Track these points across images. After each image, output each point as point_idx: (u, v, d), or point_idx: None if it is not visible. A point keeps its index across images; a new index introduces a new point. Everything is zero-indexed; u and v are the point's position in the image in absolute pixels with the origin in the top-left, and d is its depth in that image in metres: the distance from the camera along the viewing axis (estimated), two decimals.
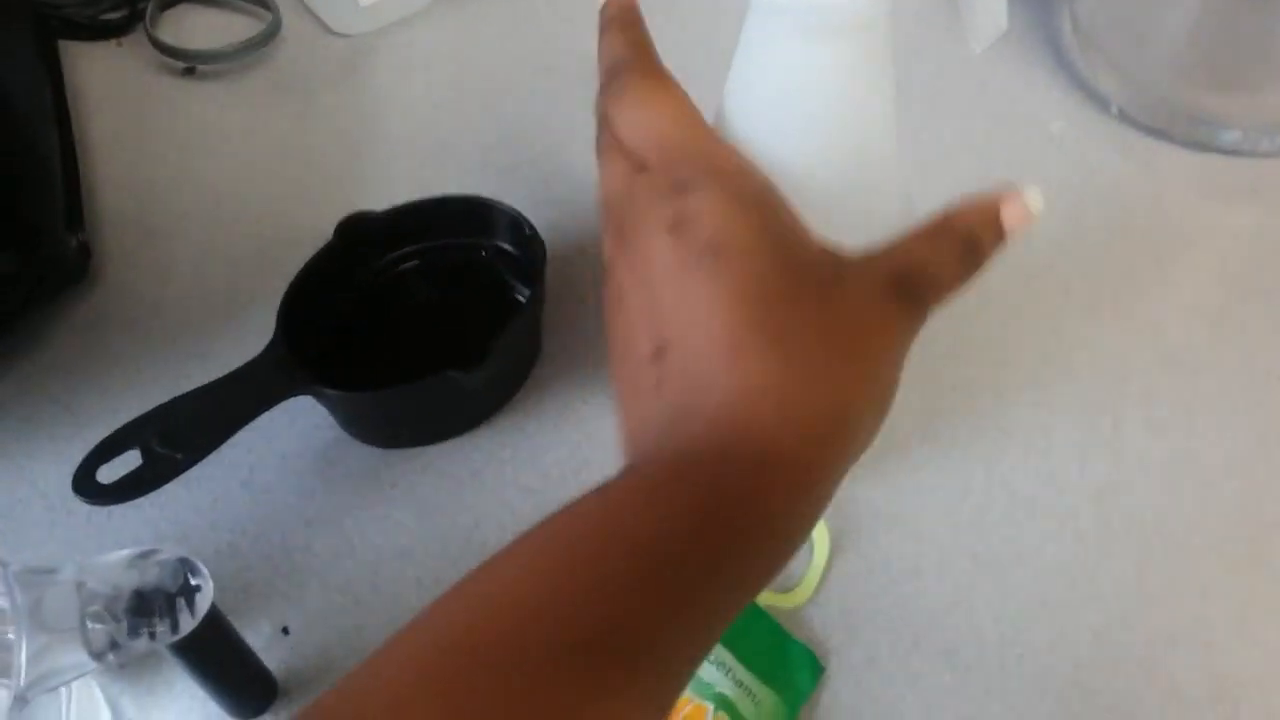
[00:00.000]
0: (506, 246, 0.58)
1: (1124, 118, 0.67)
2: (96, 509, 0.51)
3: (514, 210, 0.57)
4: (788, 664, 0.47)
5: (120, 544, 0.49)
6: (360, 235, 0.56)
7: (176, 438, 0.47)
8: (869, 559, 0.51)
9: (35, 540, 0.51)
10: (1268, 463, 0.54)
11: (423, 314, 0.58)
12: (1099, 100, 0.69)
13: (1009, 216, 0.35)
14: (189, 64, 0.70)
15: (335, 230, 0.55)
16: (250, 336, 0.55)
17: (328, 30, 0.73)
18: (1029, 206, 0.35)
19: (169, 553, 0.38)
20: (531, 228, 0.56)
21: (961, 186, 0.59)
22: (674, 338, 0.33)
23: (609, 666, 0.28)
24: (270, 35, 0.70)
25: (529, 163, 0.66)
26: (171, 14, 0.74)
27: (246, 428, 0.48)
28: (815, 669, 0.47)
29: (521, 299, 0.57)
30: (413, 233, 0.58)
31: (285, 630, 0.49)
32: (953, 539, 0.51)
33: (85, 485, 0.46)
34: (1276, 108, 0.67)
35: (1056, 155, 0.67)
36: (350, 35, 0.73)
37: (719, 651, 0.46)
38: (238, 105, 0.69)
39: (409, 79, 0.71)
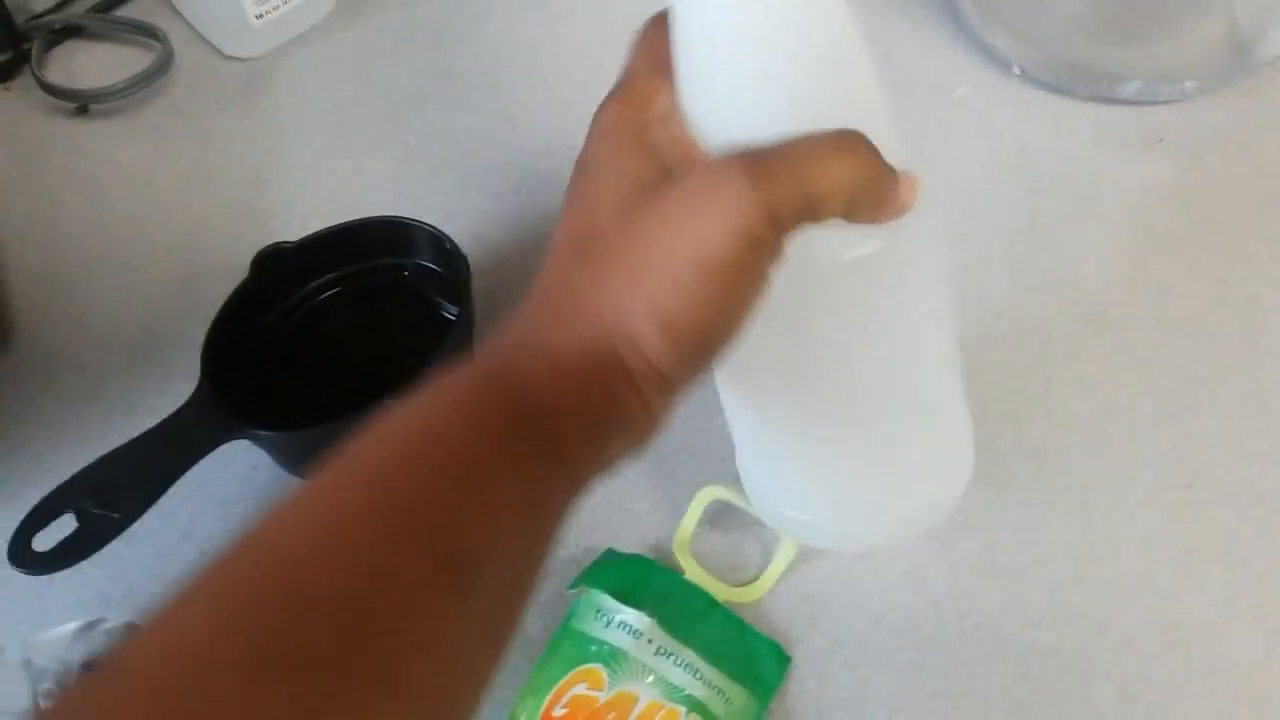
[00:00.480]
0: (429, 264, 0.57)
1: (1026, 78, 0.68)
2: (32, 582, 0.50)
3: (432, 227, 0.56)
4: (754, 659, 0.47)
5: (63, 612, 0.48)
6: (277, 268, 0.55)
7: (111, 496, 0.46)
8: (821, 549, 0.51)
9: None
10: (1196, 409, 0.55)
11: (350, 342, 0.57)
12: (1000, 62, 0.69)
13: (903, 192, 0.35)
14: (81, 103, 0.68)
15: (251, 265, 0.54)
16: (176, 381, 0.54)
17: (222, 55, 0.71)
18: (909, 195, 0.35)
19: (115, 620, 0.37)
20: (451, 243, 0.55)
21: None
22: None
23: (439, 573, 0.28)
24: (163, 66, 0.68)
25: (440, 173, 0.65)
26: (57, 53, 0.72)
27: (183, 477, 0.47)
28: (781, 660, 0.48)
29: (450, 316, 0.57)
30: (331, 260, 0.57)
31: None
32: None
33: (22, 555, 0.45)
34: (1172, 56, 0.68)
35: (963, 120, 0.67)
36: (245, 58, 0.71)
37: (685, 654, 0.46)
38: (137, 141, 0.67)
39: (310, 99, 0.69)
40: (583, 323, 0.33)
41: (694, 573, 0.50)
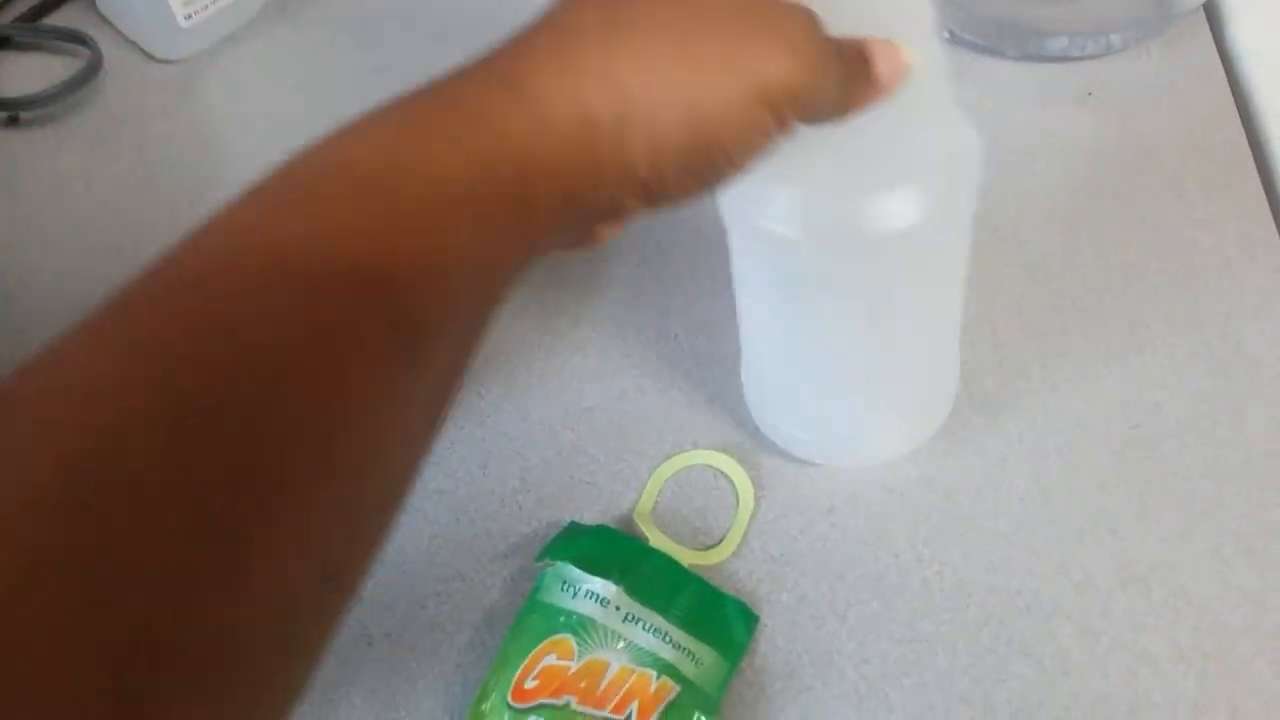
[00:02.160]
0: None
1: (955, 40, 0.69)
2: None
3: None
4: (721, 619, 0.47)
5: None
6: None
7: None
8: (784, 505, 0.52)
9: None
10: (1139, 352, 0.56)
11: None
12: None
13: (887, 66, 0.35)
14: (11, 112, 0.67)
15: None
16: None
17: (151, 59, 0.71)
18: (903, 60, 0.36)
19: None
20: None
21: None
22: None
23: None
24: (92, 71, 0.67)
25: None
26: None
27: None
28: (749, 619, 0.48)
29: None
30: None
31: None
32: (861, 472, 0.53)
33: None
34: (1097, 10, 0.69)
35: None
36: (176, 61, 0.70)
37: (653, 619, 0.46)
38: (68, 149, 0.66)
39: (245, 98, 0.69)
40: (593, 86, 0.30)
41: (658, 540, 0.50)
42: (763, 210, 0.41)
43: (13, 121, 0.67)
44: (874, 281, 0.43)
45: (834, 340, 0.47)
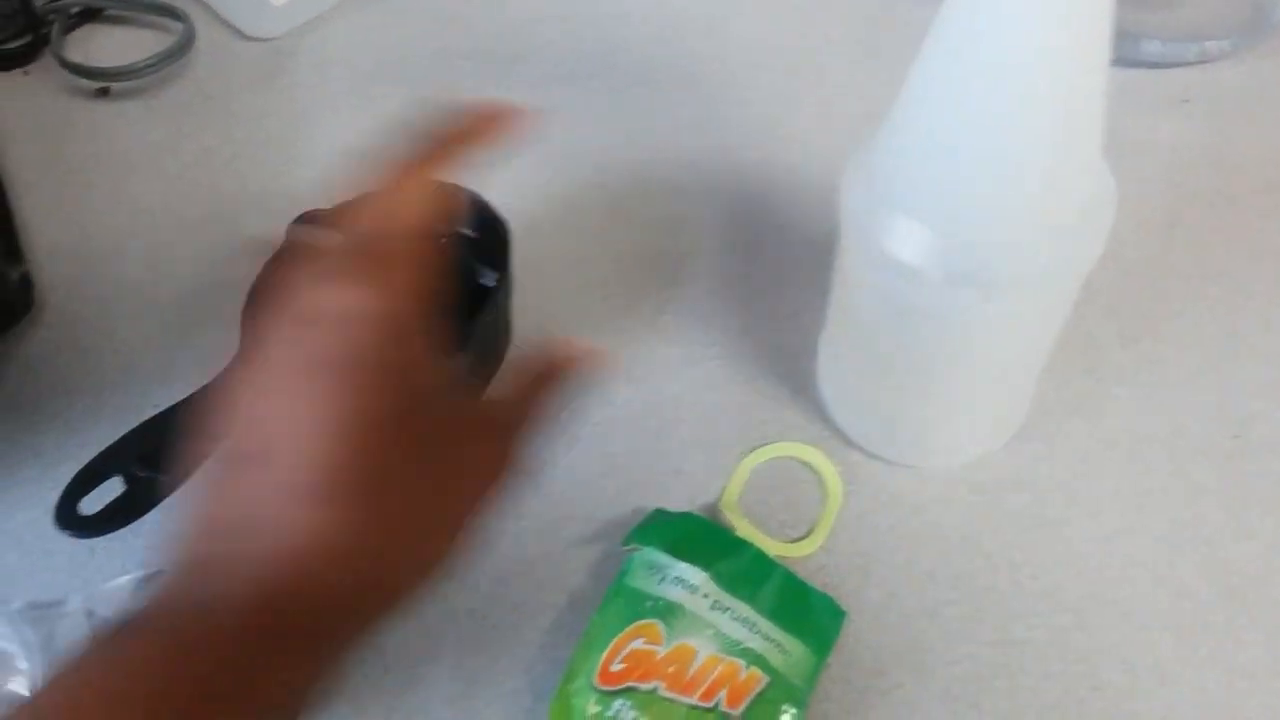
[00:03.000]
0: (465, 231, 0.57)
1: None
2: (77, 548, 0.49)
3: (472, 192, 0.55)
4: (809, 613, 0.47)
5: (104, 578, 0.48)
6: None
7: (158, 459, 0.45)
8: (873, 500, 0.51)
9: (17, 589, 0.49)
10: (1237, 360, 0.55)
11: None
12: None
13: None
14: (103, 84, 0.67)
15: (287, 231, 0.53)
16: (211, 352, 0.54)
17: (242, 35, 0.71)
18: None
19: None
20: (490, 207, 0.55)
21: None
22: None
23: None
24: (185, 46, 0.67)
25: None
26: (76, 36, 0.71)
27: None
28: (837, 614, 0.47)
29: (487, 284, 0.56)
30: None
31: None
32: (950, 470, 0.52)
33: (68, 518, 0.44)
34: (1193, 17, 0.68)
35: None
36: (266, 39, 0.70)
37: (741, 608, 0.45)
38: (159, 121, 0.67)
39: (332, 76, 0.69)
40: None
41: (745, 530, 0.50)
42: (893, 237, 0.40)
43: (103, 93, 0.68)
44: (992, 315, 0.42)
45: (935, 360, 0.46)
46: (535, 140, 0.65)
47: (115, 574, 0.46)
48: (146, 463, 0.45)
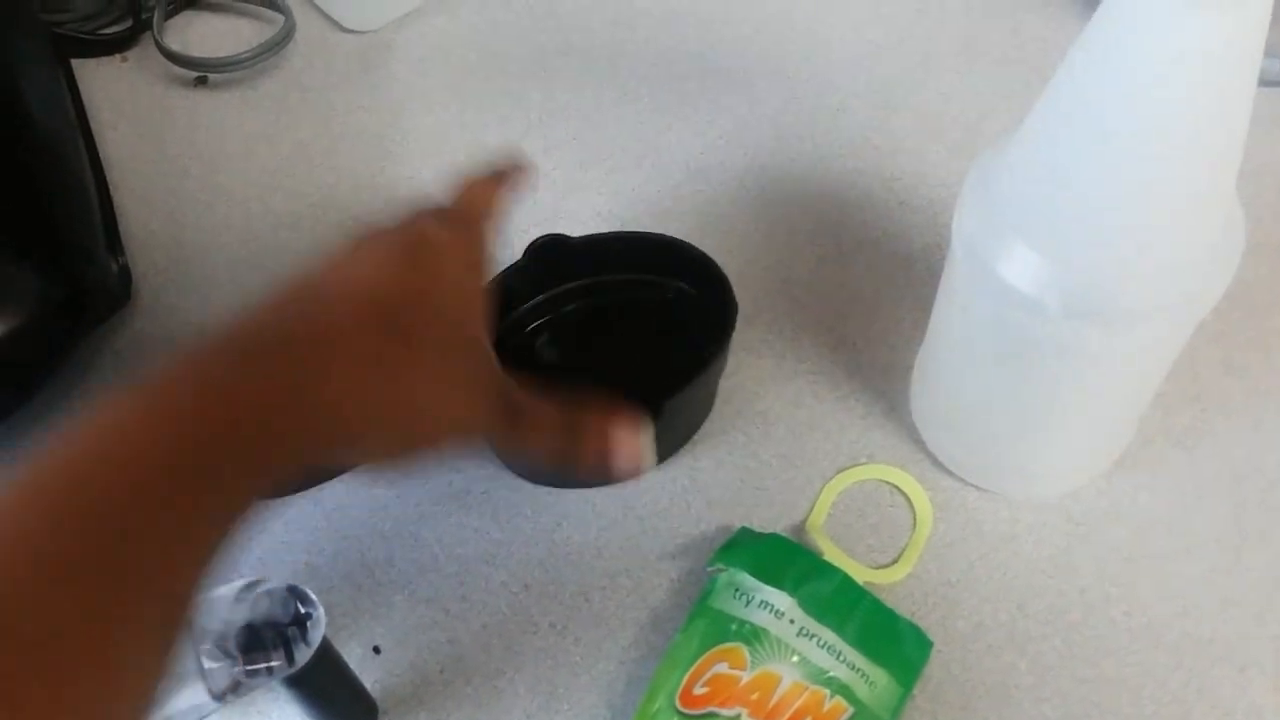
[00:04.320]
0: (687, 287, 0.55)
1: None
2: None
3: (708, 259, 0.53)
4: (896, 642, 0.46)
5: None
6: (553, 259, 0.53)
7: None
8: (963, 528, 0.50)
9: None
10: None
11: (594, 352, 0.55)
12: None
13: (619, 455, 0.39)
14: (201, 73, 0.68)
15: (525, 252, 0.52)
16: None
17: (339, 28, 0.71)
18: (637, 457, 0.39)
19: (275, 582, 0.37)
20: (726, 283, 0.52)
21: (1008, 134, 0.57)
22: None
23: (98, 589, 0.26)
24: (284, 38, 0.68)
25: (559, 148, 0.64)
26: (175, 23, 0.72)
27: None
28: (924, 644, 0.46)
29: (699, 349, 0.51)
30: (602, 264, 0.54)
31: (376, 650, 0.48)
32: (1044, 500, 0.50)
33: None
34: None
35: None
36: (364, 31, 0.71)
37: (827, 635, 0.45)
38: (255, 112, 0.67)
39: (429, 72, 0.69)
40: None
41: (832, 553, 0.49)
42: (1011, 265, 0.39)
43: (201, 81, 0.68)
44: (1108, 349, 0.40)
45: (1042, 390, 0.44)
46: (630, 133, 0.65)
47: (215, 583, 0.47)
48: None
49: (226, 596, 0.35)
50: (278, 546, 0.50)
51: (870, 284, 0.58)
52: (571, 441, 0.38)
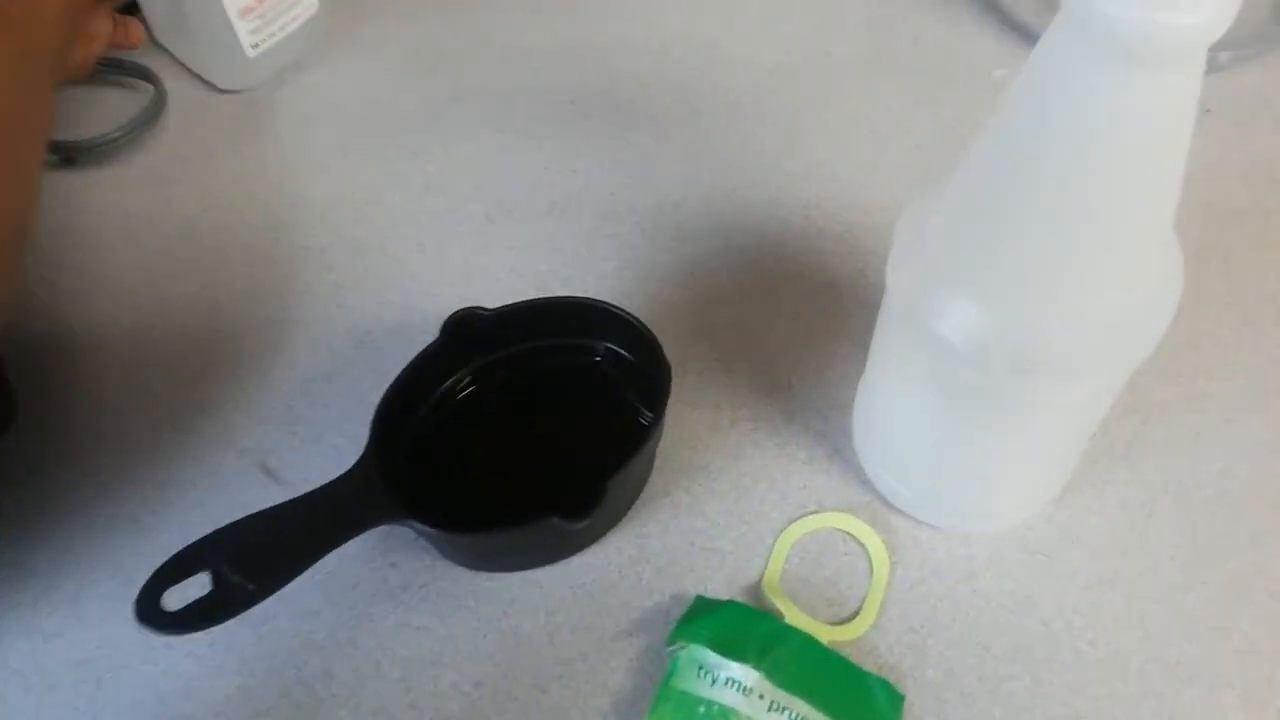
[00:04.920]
0: (619, 350, 0.53)
1: None
2: (82, 681, 0.46)
3: (636, 320, 0.50)
4: (868, 702, 0.44)
5: (116, 715, 0.45)
6: (468, 335, 0.50)
7: (249, 565, 0.42)
8: (920, 569, 0.49)
9: None
10: None
11: (526, 424, 0.52)
12: (1033, 39, 0.66)
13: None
14: (65, 154, 0.63)
15: (442, 328, 0.50)
16: (210, 450, 0.51)
17: (213, 89, 0.67)
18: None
19: None
20: (658, 348, 0.49)
21: (923, 147, 0.57)
22: None
23: None
24: (157, 108, 0.64)
25: (468, 201, 0.61)
26: None
27: None
28: (894, 699, 0.45)
29: (635, 414, 0.51)
30: (518, 334, 0.52)
31: None
32: (998, 534, 0.49)
33: (150, 612, 0.40)
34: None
35: None
36: (240, 91, 0.67)
37: (798, 705, 0.43)
38: (132, 190, 0.63)
39: (315, 130, 0.65)
40: None
41: (792, 615, 0.47)
42: (948, 320, 0.38)
43: (69, 162, 0.64)
44: (1052, 395, 0.39)
45: (987, 434, 0.43)
46: (535, 180, 0.62)
47: (121, 713, 0.43)
48: (237, 566, 0.42)
49: None
50: (205, 672, 0.47)
51: (799, 320, 0.56)
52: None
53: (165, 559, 0.42)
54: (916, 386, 0.43)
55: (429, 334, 0.50)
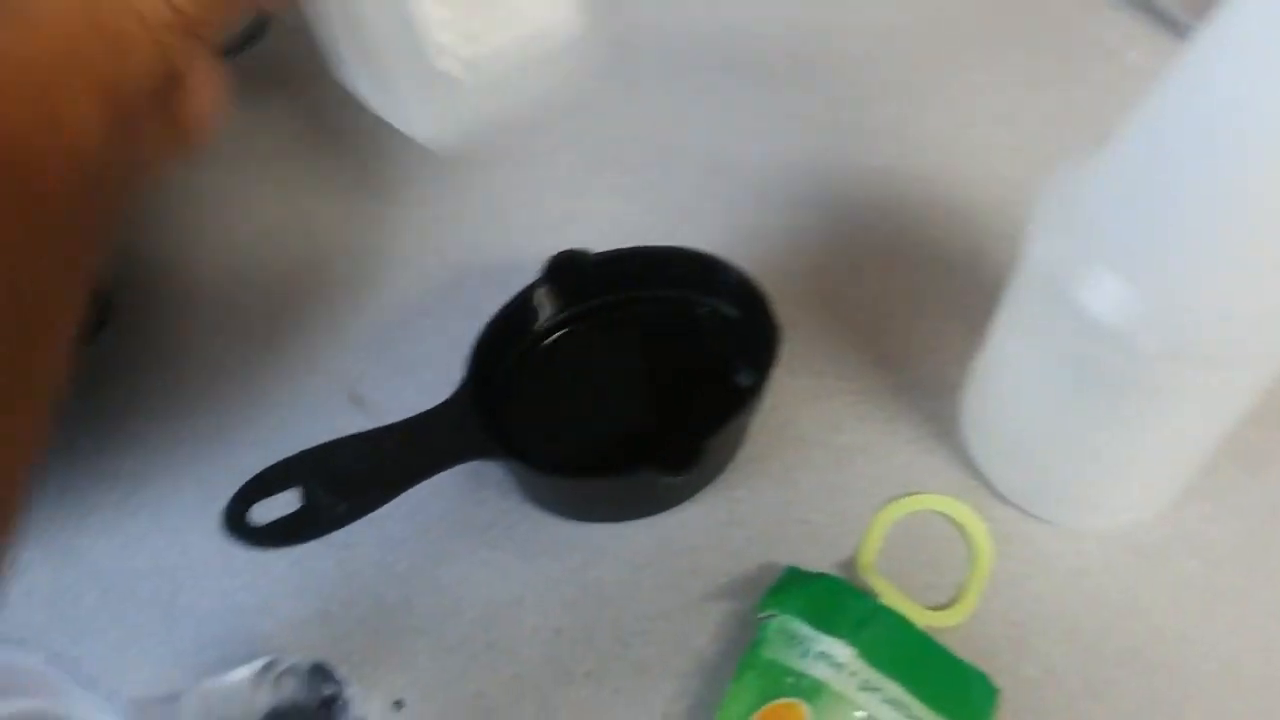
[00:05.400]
0: (727, 309, 0.51)
1: None
2: (160, 588, 0.45)
3: (745, 274, 0.49)
4: (961, 691, 0.42)
5: (194, 632, 0.44)
6: (571, 276, 0.49)
7: (341, 485, 0.41)
8: (1025, 563, 0.46)
9: (94, 632, 0.45)
10: None
11: (622, 373, 0.51)
12: (1172, 25, 0.64)
13: None
14: None
15: (544, 269, 0.49)
16: (296, 369, 0.50)
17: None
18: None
19: (297, 660, 0.33)
20: (767, 304, 0.48)
21: (1048, 126, 0.54)
22: None
23: None
24: (259, 28, 0.63)
25: (567, 146, 0.60)
26: None
27: None
28: (990, 691, 0.43)
29: (737, 377, 0.49)
30: (625, 280, 0.51)
31: (399, 704, 0.43)
32: (1111, 533, 0.47)
33: (237, 525, 0.40)
34: None
35: (1136, 88, 0.62)
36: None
37: (891, 688, 0.41)
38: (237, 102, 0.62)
39: None
40: None
41: (889, 595, 0.45)
42: (1100, 297, 0.35)
43: None
44: (1198, 386, 0.37)
45: (1117, 424, 0.41)
46: (639, 130, 0.61)
47: (198, 630, 0.42)
48: (329, 485, 0.41)
49: (245, 680, 0.31)
50: (287, 594, 0.46)
51: (909, 295, 0.54)
52: None
53: (247, 475, 0.41)
54: (1046, 368, 0.41)
55: (524, 276, 0.49)
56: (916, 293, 0.54)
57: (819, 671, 0.41)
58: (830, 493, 0.48)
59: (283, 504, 0.40)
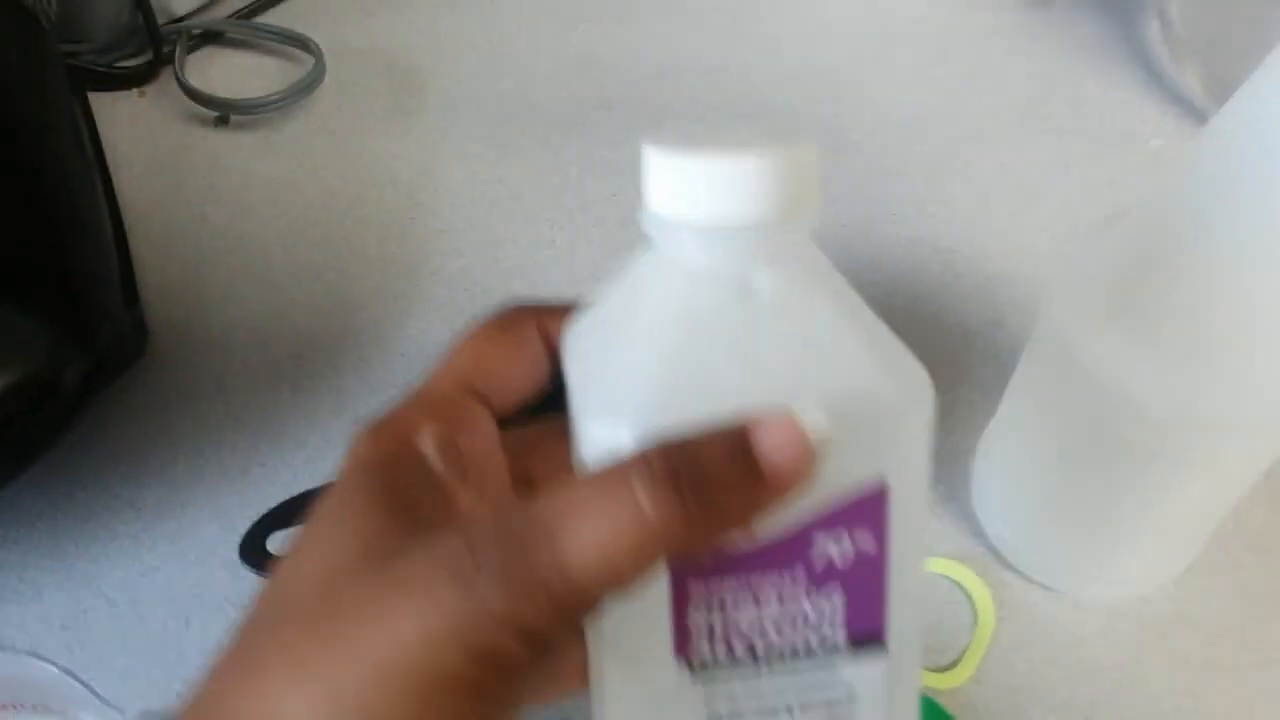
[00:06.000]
0: None
1: None
2: (172, 615, 0.46)
3: None
4: None
5: (203, 660, 0.45)
6: None
7: None
8: (1027, 629, 0.47)
9: (107, 654, 0.46)
10: None
11: None
12: (1195, 113, 0.65)
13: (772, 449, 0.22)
14: (223, 112, 0.65)
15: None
16: (322, 411, 0.51)
17: (371, 70, 0.68)
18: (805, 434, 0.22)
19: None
20: None
21: (1068, 207, 0.56)
22: None
23: None
24: (314, 80, 0.65)
25: (599, 204, 0.62)
26: (197, 58, 0.69)
27: None
28: None
29: None
30: None
31: None
32: (1112, 602, 0.47)
33: (253, 551, 0.41)
34: None
35: (1157, 171, 0.63)
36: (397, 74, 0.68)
37: None
38: (280, 155, 0.64)
39: (465, 117, 0.66)
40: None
41: None
42: (1115, 363, 0.36)
43: (223, 121, 0.65)
44: (1210, 454, 0.38)
45: (1126, 491, 0.41)
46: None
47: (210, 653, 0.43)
48: None
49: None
50: None
51: (926, 362, 0.55)
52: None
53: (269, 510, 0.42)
54: (1056, 436, 0.42)
55: None
56: (933, 360, 0.55)
57: None
58: None
59: None
